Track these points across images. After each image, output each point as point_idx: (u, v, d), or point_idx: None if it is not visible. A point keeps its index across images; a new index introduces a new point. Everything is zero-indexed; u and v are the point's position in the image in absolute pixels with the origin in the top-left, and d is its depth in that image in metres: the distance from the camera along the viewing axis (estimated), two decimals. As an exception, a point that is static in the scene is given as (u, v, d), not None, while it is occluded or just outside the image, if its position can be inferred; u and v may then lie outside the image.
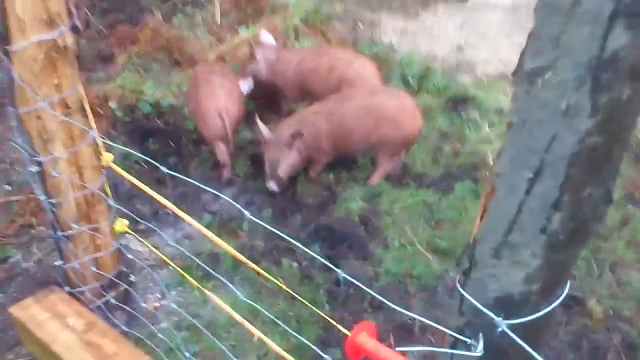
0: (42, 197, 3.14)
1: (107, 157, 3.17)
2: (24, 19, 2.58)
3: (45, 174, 3.10)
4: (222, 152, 4.58)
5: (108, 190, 3.27)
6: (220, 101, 4.47)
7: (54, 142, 3.02)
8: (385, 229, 4.25)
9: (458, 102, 5.81)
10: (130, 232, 3.24)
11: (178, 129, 5.20)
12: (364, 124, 4.46)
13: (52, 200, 3.14)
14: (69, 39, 2.82)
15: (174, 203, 4.46)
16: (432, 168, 4.92)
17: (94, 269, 3.43)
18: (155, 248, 4.03)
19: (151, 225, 3.17)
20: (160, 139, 5.08)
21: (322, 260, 2.02)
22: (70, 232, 3.24)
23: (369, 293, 1.72)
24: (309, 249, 4.16)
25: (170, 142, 5.07)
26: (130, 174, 4.75)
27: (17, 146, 2.98)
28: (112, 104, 5.23)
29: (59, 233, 3.22)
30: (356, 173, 4.84)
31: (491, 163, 4.94)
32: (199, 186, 4.67)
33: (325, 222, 4.26)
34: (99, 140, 3.18)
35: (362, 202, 4.49)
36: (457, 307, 1.35)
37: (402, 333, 3.40)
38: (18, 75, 2.74)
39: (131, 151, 4.76)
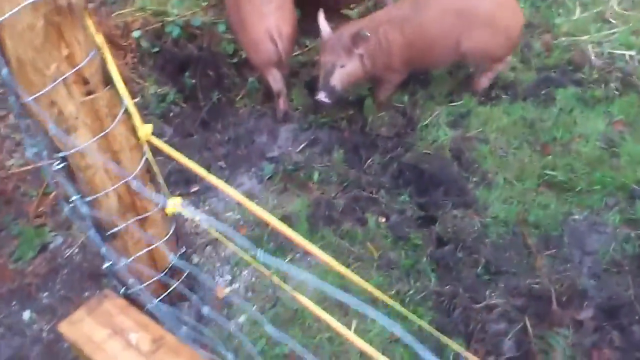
0: (75, 198, 2.47)
1: (146, 130, 2.49)
2: None
3: (73, 169, 2.44)
4: (276, 80, 3.82)
5: (154, 167, 2.62)
6: (269, 20, 3.64)
7: (77, 129, 2.33)
8: (483, 162, 3.52)
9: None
10: (185, 212, 2.59)
11: (215, 55, 4.40)
12: (451, 30, 3.61)
13: (88, 199, 2.49)
14: None
15: (225, 153, 3.86)
16: (523, 72, 4.09)
17: (149, 263, 2.84)
18: (214, 214, 3.44)
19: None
20: (196, 70, 4.31)
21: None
22: (115, 229, 2.63)
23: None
24: (396, 198, 3.57)
25: (209, 72, 4.30)
26: (170, 118, 4.13)
27: (29, 147, 2.30)
28: (136, 34, 4.43)
29: (102, 234, 2.59)
30: (433, 89, 4.05)
31: (593, 57, 4.09)
32: (253, 127, 4.17)
33: (409, 159, 3.55)
34: (133, 111, 2.49)
35: (449, 128, 3.73)
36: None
37: (538, 309, 2.76)
38: (15, 54, 2.03)
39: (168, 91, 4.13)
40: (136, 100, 4.07)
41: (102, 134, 2.39)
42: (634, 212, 3.11)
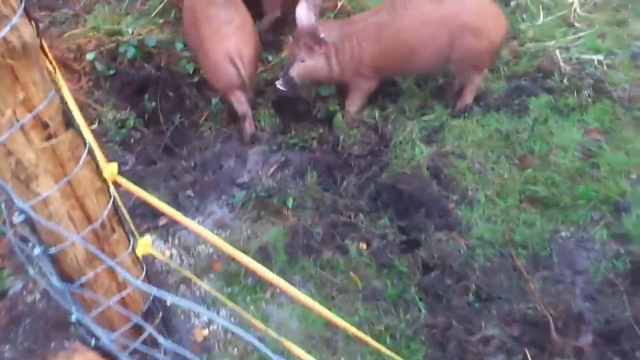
0: (38, 250, 2.27)
1: (112, 170, 2.33)
2: None
3: (34, 220, 2.24)
4: (240, 102, 3.65)
5: (121, 207, 2.44)
6: (229, 42, 3.47)
7: (38, 177, 2.13)
8: (462, 178, 3.42)
9: (498, -15, 4.80)
10: (156, 254, 2.42)
11: (174, 75, 4.21)
12: (431, 39, 3.49)
13: (53, 250, 2.30)
14: (27, 30, 1.87)
15: (192, 181, 3.67)
16: (493, 82, 4.01)
17: (121, 309, 2.65)
18: (185, 248, 3.27)
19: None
20: (156, 91, 4.11)
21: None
22: (83, 279, 2.44)
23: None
24: (376, 222, 3.43)
25: (169, 93, 4.11)
26: (131, 145, 3.92)
27: (-11, 205, 2.10)
28: (90, 55, 4.20)
29: (68, 284, 2.40)
30: (404, 103, 3.94)
31: (562, 63, 4.03)
32: (219, 151, 3.98)
33: (386, 180, 3.42)
34: (97, 150, 2.31)
35: (424, 145, 3.62)
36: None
37: (535, 337, 2.66)
38: None
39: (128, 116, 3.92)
40: (94, 127, 3.85)
41: (65, 179, 2.20)
42: (621, 226, 3.05)
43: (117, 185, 2.29)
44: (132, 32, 4.50)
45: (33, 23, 1.96)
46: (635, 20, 4.39)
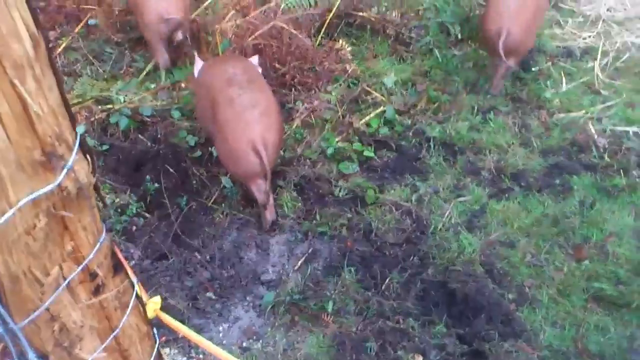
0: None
1: (155, 306, 1.95)
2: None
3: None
4: (261, 190, 3.25)
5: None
6: (254, 130, 3.09)
7: (82, 339, 1.71)
8: (516, 273, 3.09)
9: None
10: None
11: (175, 149, 3.79)
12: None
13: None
14: (82, 169, 1.48)
15: (210, 277, 3.22)
16: (528, 157, 3.74)
17: None
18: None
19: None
20: (155, 168, 3.67)
21: None
22: None
23: None
24: (430, 328, 3.05)
25: (171, 170, 3.67)
26: (134, 234, 3.43)
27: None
28: (79, 129, 3.71)
29: None
30: (435, 181, 3.62)
31: (596, 136, 3.80)
32: (237, 240, 3.55)
33: (433, 276, 3.07)
34: (140, 288, 1.92)
35: (466, 232, 3.29)
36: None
37: None
38: (6, 272, 1.42)
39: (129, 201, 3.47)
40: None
41: (112, 335, 1.78)
42: None
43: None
44: (124, 100, 4.07)
45: (88, 157, 1.56)
46: (661, 88, 4.22)
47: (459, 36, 4.68)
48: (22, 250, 1.39)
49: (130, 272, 1.80)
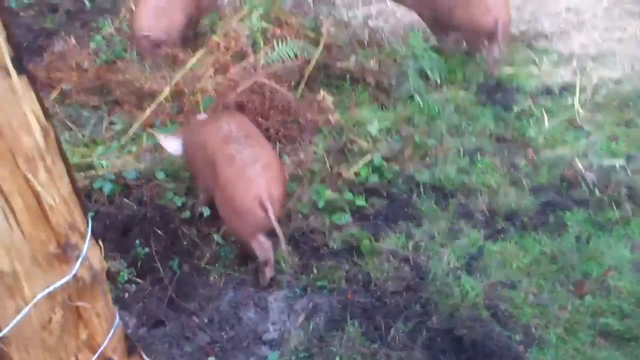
0: None
1: None
2: (13, 270, 1.17)
3: None
4: (264, 248, 3.21)
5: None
6: (259, 184, 3.06)
7: None
8: (521, 314, 3.06)
9: (491, 90, 4.65)
10: None
11: (162, 210, 3.72)
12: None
13: None
14: (96, 255, 1.43)
15: (210, 341, 3.12)
16: (520, 197, 3.74)
17: None
18: None
19: None
20: (144, 231, 3.60)
21: None
22: None
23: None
24: (440, 377, 2.98)
25: (160, 232, 3.60)
26: (127, 302, 3.32)
27: None
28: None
29: None
30: (429, 226, 3.59)
31: (584, 172, 3.82)
32: (234, 300, 3.47)
33: (438, 323, 3.02)
34: None
35: (465, 275, 3.25)
36: None
37: None
38: None
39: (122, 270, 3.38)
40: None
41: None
42: None
43: None
44: (106, 165, 4.01)
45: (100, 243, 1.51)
46: (643, 120, 4.28)
47: (439, 81, 4.72)
48: (38, 346, 1.32)
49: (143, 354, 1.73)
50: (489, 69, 4.75)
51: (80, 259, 1.24)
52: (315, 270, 3.36)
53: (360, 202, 3.77)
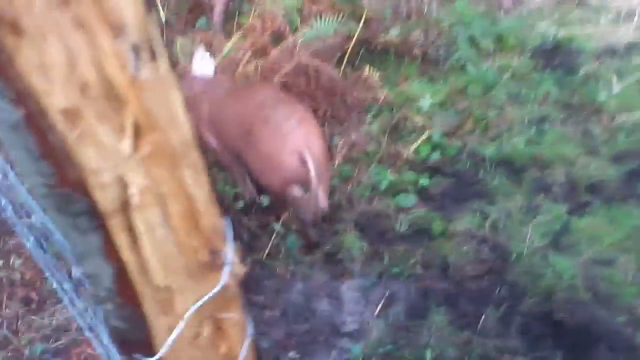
0: None
1: None
2: (168, 284, 0.92)
3: None
4: (303, 198, 2.92)
5: None
6: (296, 137, 2.80)
7: None
8: (621, 293, 2.78)
9: (549, 54, 4.35)
10: None
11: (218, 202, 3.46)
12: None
13: None
14: (236, 259, 1.17)
15: (286, 335, 2.88)
16: (598, 165, 3.45)
17: None
18: None
19: None
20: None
21: None
22: None
23: None
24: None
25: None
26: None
27: None
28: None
29: None
30: (503, 202, 3.31)
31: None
32: (304, 291, 3.22)
33: (532, 307, 2.75)
34: None
35: (554, 253, 2.98)
36: None
37: None
38: None
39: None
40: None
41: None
42: None
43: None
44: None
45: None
46: None
47: (491, 48, 4.43)
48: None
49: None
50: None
51: (228, 266, 0.99)
52: (386, 257, 3.10)
53: (424, 181, 3.50)
